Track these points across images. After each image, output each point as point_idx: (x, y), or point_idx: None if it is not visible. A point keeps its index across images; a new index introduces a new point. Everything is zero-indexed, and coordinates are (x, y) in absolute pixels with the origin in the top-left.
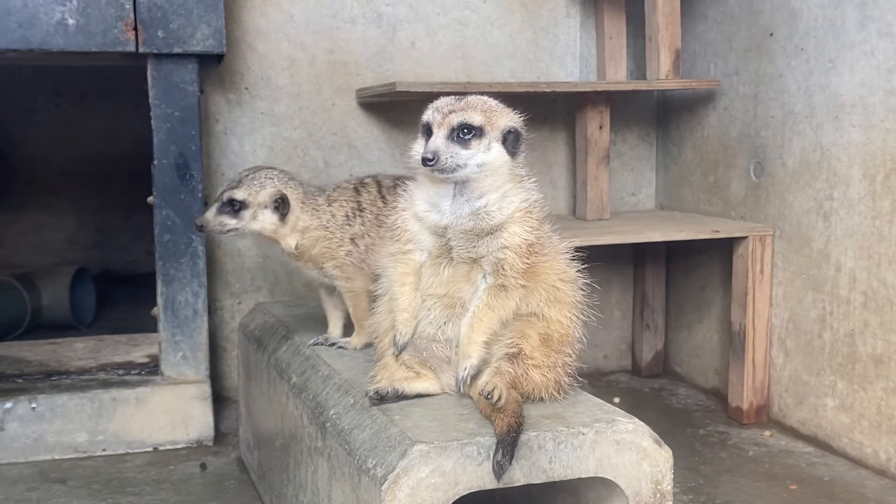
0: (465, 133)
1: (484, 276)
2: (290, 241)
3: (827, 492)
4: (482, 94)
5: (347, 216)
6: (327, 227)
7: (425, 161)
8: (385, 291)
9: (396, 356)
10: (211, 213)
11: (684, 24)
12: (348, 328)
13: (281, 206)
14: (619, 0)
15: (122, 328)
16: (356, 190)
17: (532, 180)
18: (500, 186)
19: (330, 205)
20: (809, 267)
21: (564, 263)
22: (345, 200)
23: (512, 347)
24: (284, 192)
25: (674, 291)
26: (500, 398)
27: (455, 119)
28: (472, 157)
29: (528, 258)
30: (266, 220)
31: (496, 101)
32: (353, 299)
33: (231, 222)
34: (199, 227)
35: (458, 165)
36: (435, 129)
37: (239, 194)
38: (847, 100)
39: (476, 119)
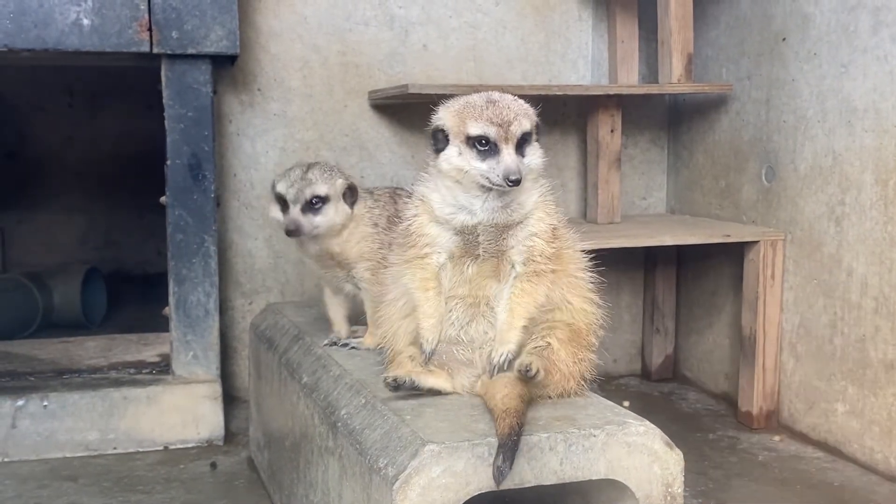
0: (524, 141)
1: (513, 266)
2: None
3: (837, 497)
4: None
5: (389, 219)
6: (377, 225)
7: (511, 181)
8: (397, 298)
9: (425, 364)
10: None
11: (697, 28)
12: (352, 326)
13: (349, 195)
14: (632, 4)
15: (133, 328)
16: (392, 198)
17: None
18: None
19: (375, 203)
20: (821, 272)
21: (579, 253)
22: (385, 204)
23: (540, 341)
24: (350, 181)
25: (684, 295)
26: (537, 372)
27: (517, 130)
28: (529, 164)
29: (553, 242)
30: (343, 212)
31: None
32: (373, 303)
33: (319, 220)
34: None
35: (523, 176)
36: (502, 145)
37: (321, 189)
38: (860, 105)
39: (527, 125)
